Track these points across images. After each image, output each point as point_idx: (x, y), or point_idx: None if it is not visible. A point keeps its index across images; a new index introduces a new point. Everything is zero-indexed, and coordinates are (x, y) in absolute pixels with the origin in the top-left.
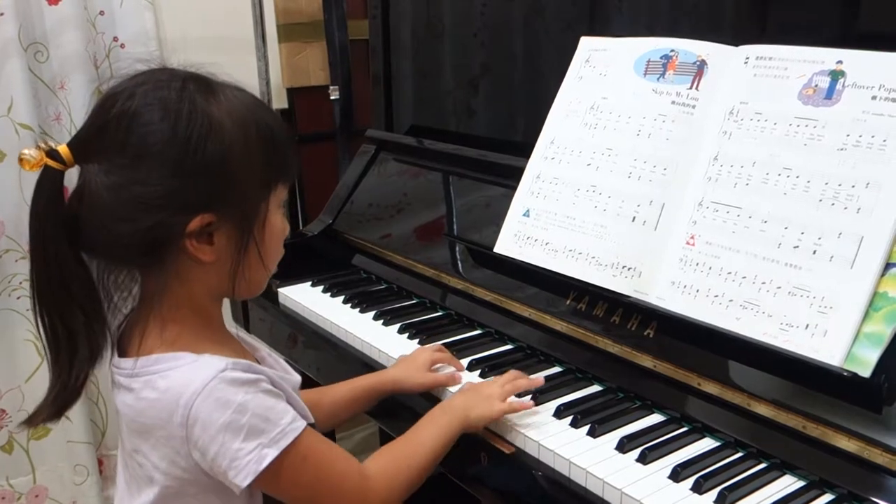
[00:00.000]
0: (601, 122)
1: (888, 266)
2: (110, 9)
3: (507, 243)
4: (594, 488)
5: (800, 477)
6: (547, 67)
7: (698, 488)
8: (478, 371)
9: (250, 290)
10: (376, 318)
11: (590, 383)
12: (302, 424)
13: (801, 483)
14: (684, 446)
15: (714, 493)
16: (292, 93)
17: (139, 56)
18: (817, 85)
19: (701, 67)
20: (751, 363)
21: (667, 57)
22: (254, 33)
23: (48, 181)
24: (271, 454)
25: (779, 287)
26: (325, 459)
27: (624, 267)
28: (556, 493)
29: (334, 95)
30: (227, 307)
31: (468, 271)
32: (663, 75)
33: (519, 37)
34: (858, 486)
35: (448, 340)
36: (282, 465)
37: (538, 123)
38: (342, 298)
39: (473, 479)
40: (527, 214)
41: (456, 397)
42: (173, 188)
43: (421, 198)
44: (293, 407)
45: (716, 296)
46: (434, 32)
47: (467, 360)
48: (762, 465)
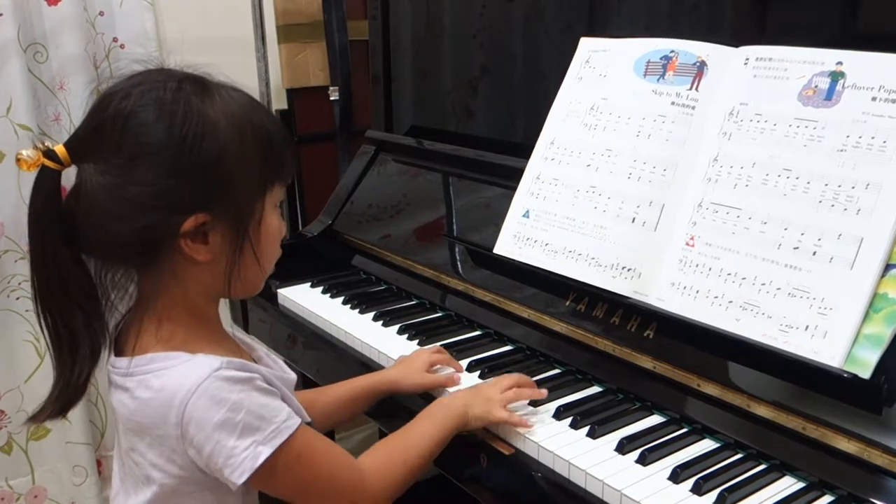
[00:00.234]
0: (601, 123)
1: (888, 267)
2: (110, 9)
3: (507, 244)
4: (594, 490)
5: (800, 478)
6: (547, 68)
7: (698, 489)
8: (477, 372)
9: (246, 290)
10: (376, 319)
11: (589, 384)
12: (296, 422)
13: (801, 484)
14: (684, 447)
15: (714, 495)
16: (292, 93)
17: (137, 57)
18: (817, 86)
19: (701, 68)
20: (751, 364)
21: (667, 58)
22: (253, 34)
23: (45, 181)
24: (266, 451)
25: (778, 288)
26: (320, 456)
27: (624, 268)
28: (556, 495)
29: (334, 96)
30: (227, 308)
31: (468, 272)
32: (663, 76)
33: (519, 37)
34: (858, 488)
35: (448, 341)
36: (276, 463)
37: (538, 124)
38: (342, 299)
39: (472, 481)
40: (526, 215)
41: (456, 395)
42: (168, 188)
43: (420, 198)
44: (288, 405)
45: (715, 297)
46: (434, 33)
47: (467, 361)
48: (762, 467)
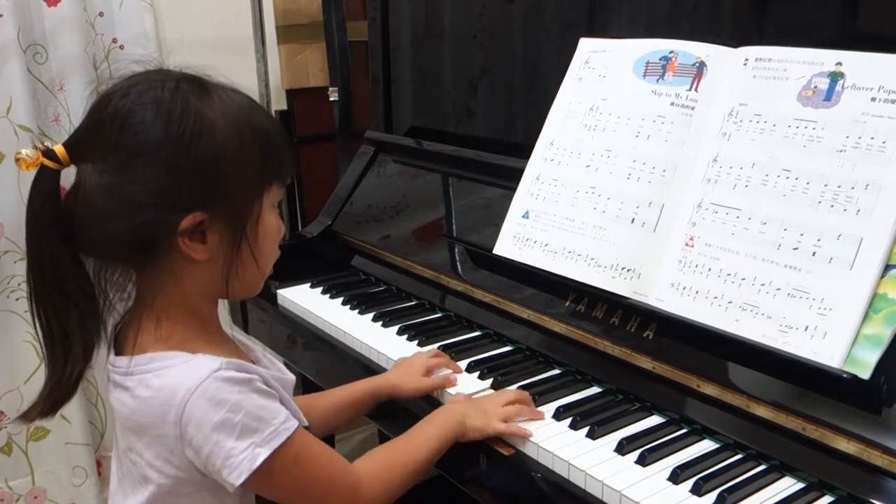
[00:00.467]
0: (600, 124)
1: (888, 268)
2: (109, 10)
3: (507, 245)
4: (593, 490)
5: (799, 479)
6: (546, 68)
7: (698, 490)
8: (477, 373)
9: (244, 291)
10: (375, 320)
11: (589, 385)
12: (294, 424)
13: (801, 485)
14: (684, 448)
15: (713, 495)
16: (291, 94)
17: (137, 58)
18: (817, 86)
19: (700, 69)
20: (750, 365)
21: (666, 58)
22: (253, 35)
23: (44, 180)
24: (264, 453)
25: (778, 289)
26: (317, 459)
27: (623, 268)
28: (556, 495)
29: (333, 97)
30: (227, 308)
31: (467, 273)
32: (662, 77)
33: (518, 38)
34: (858, 488)
35: (447, 342)
36: (274, 465)
37: (537, 125)
38: (341, 300)
39: (472, 481)
40: (526, 216)
41: (456, 405)
42: (165, 186)
43: (420, 199)
44: (286, 407)
45: (715, 297)
46: (433, 33)
47: (466, 362)
48: (762, 467)
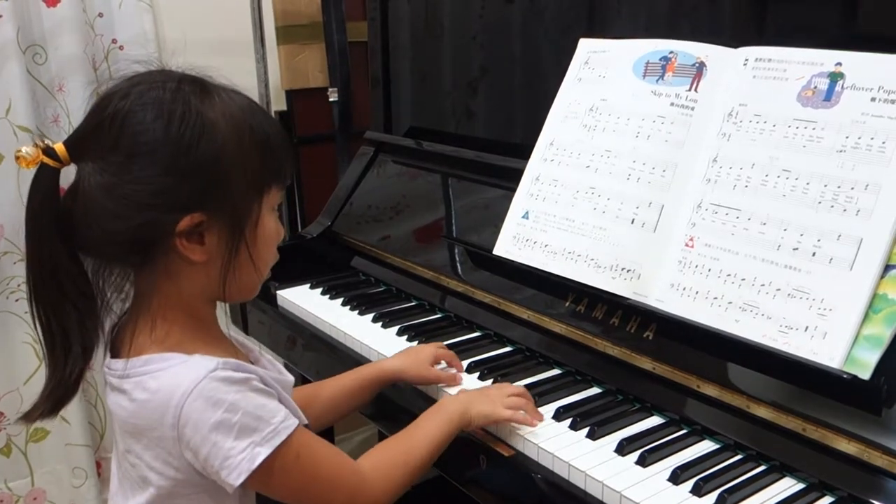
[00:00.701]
0: (600, 124)
1: (888, 268)
2: (109, 11)
3: (507, 245)
4: (593, 491)
5: (799, 479)
6: (546, 69)
7: (698, 491)
8: (477, 373)
9: (241, 294)
10: (375, 321)
11: (589, 385)
12: (294, 423)
13: (801, 485)
14: (684, 448)
15: (714, 496)
16: (291, 95)
17: (138, 58)
18: (816, 87)
19: (700, 69)
20: (750, 365)
21: (666, 59)
22: (253, 35)
23: (44, 179)
24: (264, 452)
25: (778, 289)
26: (318, 457)
27: (623, 269)
28: (556, 496)
29: (333, 97)
30: (227, 309)
31: (467, 273)
32: (662, 77)
33: (518, 38)
34: (858, 489)
35: (447, 342)
36: (274, 464)
37: (537, 125)
38: (341, 301)
39: (472, 482)
40: (526, 216)
41: (457, 396)
42: (164, 187)
43: (420, 200)
44: (285, 406)
45: (715, 298)
46: (433, 34)
47: (467, 363)
48: (762, 468)
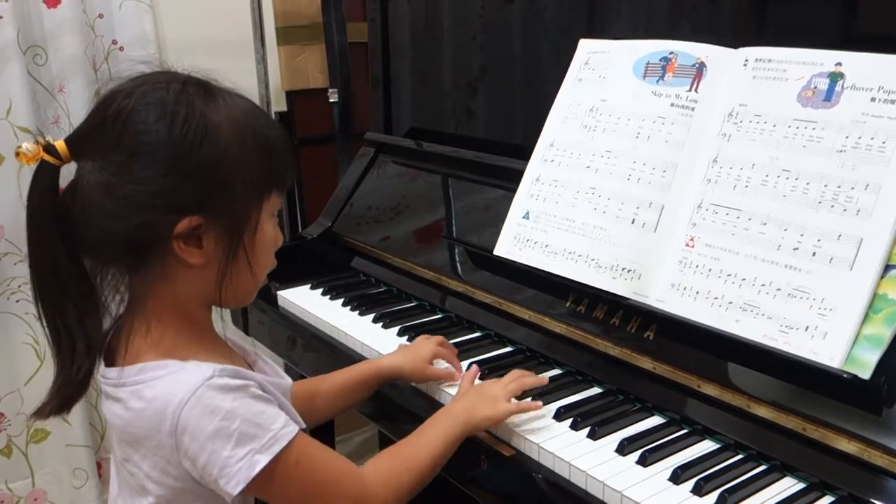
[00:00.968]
0: (600, 125)
1: (888, 268)
2: (109, 12)
3: (507, 245)
4: (594, 491)
5: (800, 479)
6: (546, 70)
7: (699, 490)
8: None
9: (237, 299)
10: (376, 321)
11: (590, 385)
12: (294, 429)
13: (802, 485)
14: (684, 448)
15: (714, 496)
16: (291, 95)
17: (142, 58)
18: (816, 87)
19: (700, 69)
20: (750, 365)
21: (666, 59)
22: (253, 36)
23: (44, 176)
24: (263, 460)
25: (778, 289)
26: (319, 463)
27: (623, 269)
28: (556, 496)
29: (333, 98)
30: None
31: (468, 274)
32: (662, 77)
33: (518, 39)
34: (858, 488)
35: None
36: (274, 471)
37: (537, 126)
38: (341, 301)
39: (473, 482)
40: (526, 217)
41: (458, 400)
42: (164, 188)
43: (420, 200)
44: (284, 412)
45: (715, 298)
46: (433, 35)
47: (467, 363)
48: (762, 467)
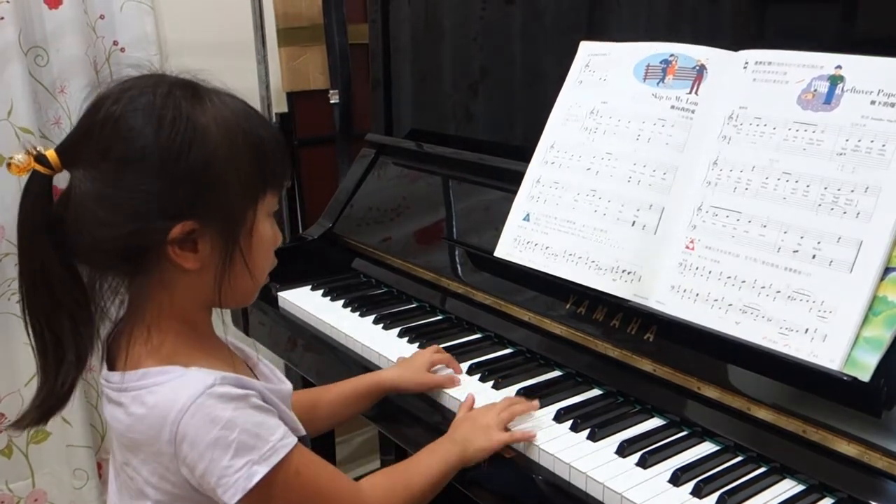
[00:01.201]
0: (601, 127)
1: (887, 270)
2: (110, 13)
3: (508, 247)
4: (594, 492)
5: (800, 481)
6: (547, 72)
7: (698, 492)
8: (478, 375)
9: (236, 301)
10: (376, 322)
11: (589, 387)
12: (293, 440)
13: (801, 487)
14: (684, 450)
15: (714, 497)
16: (292, 97)
17: (133, 62)
18: (816, 90)
19: (700, 72)
20: (750, 367)
21: (666, 62)
22: (254, 37)
23: (36, 186)
24: (261, 471)
25: (778, 291)
26: (318, 475)
27: (624, 271)
28: (556, 497)
29: (334, 99)
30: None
31: (468, 275)
32: (663, 80)
33: (518, 41)
34: (858, 490)
35: (448, 344)
36: (273, 482)
37: (538, 127)
38: (342, 302)
39: (473, 483)
40: (527, 219)
41: (454, 430)
42: (155, 194)
43: (421, 202)
44: (284, 421)
45: (715, 300)
46: (434, 36)
47: (467, 364)
48: (762, 469)
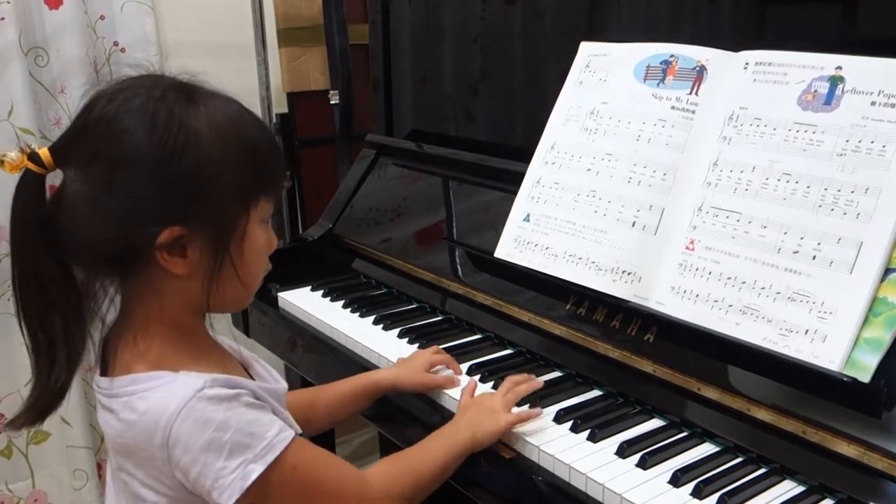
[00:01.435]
0: (601, 128)
1: (888, 271)
2: (111, 13)
3: (508, 248)
4: (594, 493)
5: (799, 482)
6: (547, 72)
7: (698, 493)
8: (478, 376)
9: (227, 307)
10: (376, 323)
11: (590, 388)
12: (290, 434)
13: (801, 488)
14: (684, 451)
15: (714, 498)
16: (292, 97)
17: (132, 62)
18: (816, 90)
19: (700, 73)
20: (750, 368)
21: (666, 62)
22: (254, 38)
23: (28, 184)
24: (257, 469)
25: (778, 292)
26: (318, 467)
27: (624, 272)
28: (556, 498)
29: (334, 100)
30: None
31: (468, 276)
32: (663, 80)
33: (519, 42)
34: (858, 491)
35: (448, 345)
36: (270, 479)
37: (538, 128)
38: (342, 303)
39: (473, 484)
40: (527, 219)
41: (460, 416)
42: (145, 198)
43: (421, 202)
44: (280, 418)
45: (715, 301)
46: (434, 37)
47: (467, 365)
48: (762, 470)
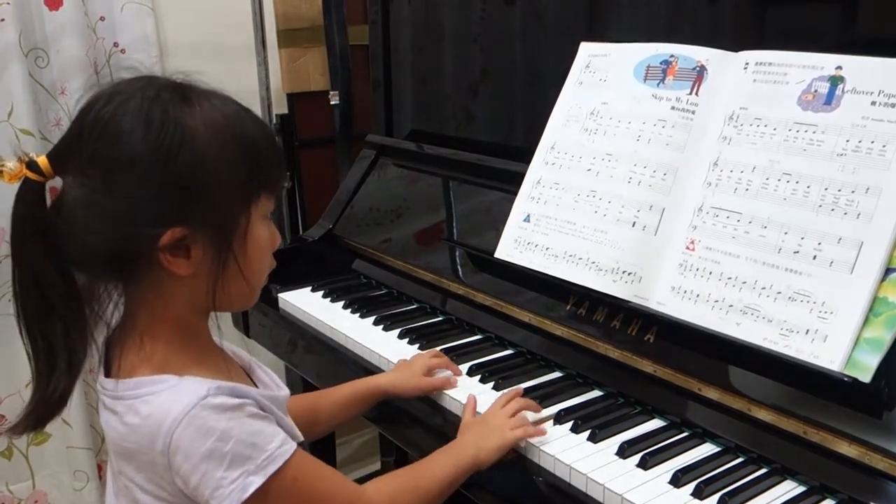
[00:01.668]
0: (601, 128)
1: (888, 271)
2: (111, 14)
3: (508, 248)
4: (595, 493)
5: (800, 482)
6: (547, 72)
7: (699, 493)
8: (478, 376)
9: (233, 305)
10: (376, 324)
11: (590, 388)
12: (292, 447)
13: (802, 488)
14: (685, 451)
15: (715, 499)
16: (292, 98)
17: (130, 64)
18: (817, 90)
19: (701, 73)
20: (751, 368)
21: (666, 62)
22: (254, 38)
23: (28, 192)
24: (257, 482)
25: (779, 292)
26: (318, 480)
27: (624, 272)
28: (557, 499)
29: (334, 100)
30: (226, 316)
31: (468, 276)
32: (663, 81)
33: (519, 42)
34: (859, 492)
35: (448, 345)
36: (269, 490)
37: (538, 128)
38: (342, 303)
39: (473, 485)
40: (527, 220)
41: (464, 433)
42: (143, 201)
43: (421, 203)
44: (282, 428)
45: (716, 301)
46: (434, 37)
47: (467, 366)
48: (763, 471)
